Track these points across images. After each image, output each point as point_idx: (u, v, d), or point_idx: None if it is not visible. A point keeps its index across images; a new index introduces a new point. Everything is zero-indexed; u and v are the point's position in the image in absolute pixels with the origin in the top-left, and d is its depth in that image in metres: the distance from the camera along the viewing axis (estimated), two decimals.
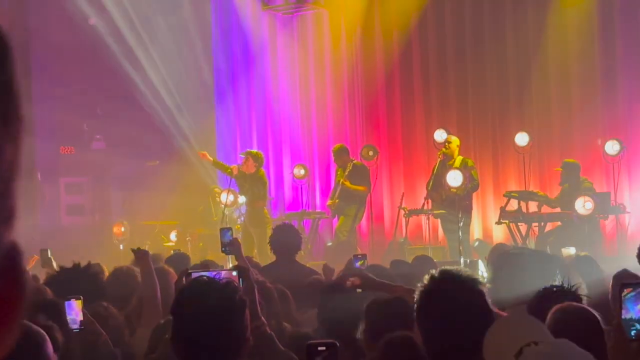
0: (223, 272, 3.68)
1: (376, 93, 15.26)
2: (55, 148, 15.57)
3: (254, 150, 13.48)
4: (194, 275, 3.53)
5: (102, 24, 15.57)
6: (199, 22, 16.11)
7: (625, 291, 3.12)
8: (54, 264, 7.32)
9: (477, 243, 13.32)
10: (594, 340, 3.12)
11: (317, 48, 15.74)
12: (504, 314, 3.48)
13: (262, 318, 3.77)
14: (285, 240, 6.95)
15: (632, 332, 3.09)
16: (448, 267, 3.07)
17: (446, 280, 2.92)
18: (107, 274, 6.95)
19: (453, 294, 2.86)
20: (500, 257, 4.93)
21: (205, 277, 2.73)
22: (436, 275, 2.95)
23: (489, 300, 2.89)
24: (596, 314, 3.35)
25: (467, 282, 2.90)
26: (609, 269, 9.68)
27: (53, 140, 15.47)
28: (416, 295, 2.97)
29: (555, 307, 3.33)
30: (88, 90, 15.26)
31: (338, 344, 2.66)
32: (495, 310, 3.03)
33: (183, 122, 15.67)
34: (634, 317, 3.11)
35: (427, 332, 2.88)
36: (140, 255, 5.31)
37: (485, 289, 2.92)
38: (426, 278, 2.96)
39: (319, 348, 2.63)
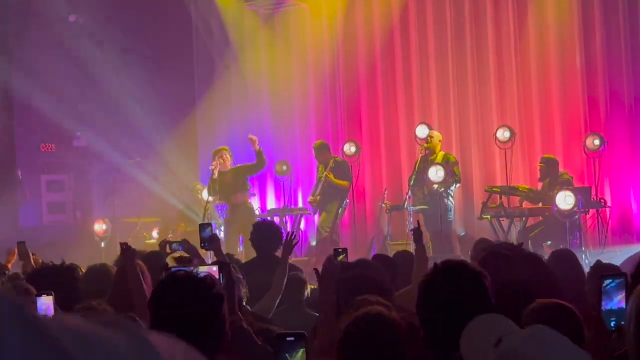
0: (202, 267, 3.66)
1: (358, 89, 15.25)
2: (36, 145, 15.49)
3: (226, 147, 13.34)
4: (174, 270, 3.51)
5: (82, 21, 15.50)
6: (179, 18, 16.06)
7: (605, 282, 3.12)
8: (32, 257, 7.33)
9: (462, 232, 13.38)
10: (572, 334, 3.12)
11: (299, 44, 15.71)
12: None
13: (239, 313, 3.74)
14: (265, 237, 6.94)
15: (612, 324, 3.09)
16: (451, 258, 3.07)
17: (449, 272, 2.92)
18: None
19: (455, 284, 2.86)
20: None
21: (182, 272, 2.71)
22: (439, 265, 2.96)
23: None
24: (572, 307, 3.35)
25: (470, 273, 2.91)
26: (590, 264, 9.72)
27: (33, 138, 15.39)
28: (417, 285, 2.97)
29: (530, 307, 3.33)
30: (68, 87, 15.18)
31: (306, 334, 2.66)
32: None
33: (164, 118, 15.60)
34: (613, 308, 3.11)
35: (428, 321, 2.88)
36: (126, 253, 5.11)
37: (487, 280, 2.93)
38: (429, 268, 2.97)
39: (288, 338, 2.64)
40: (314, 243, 13.92)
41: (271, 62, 15.89)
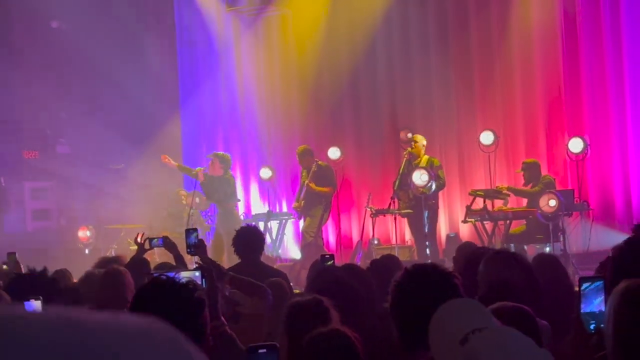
0: (185, 273, 3.66)
1: (341, 93, 15.26)
2: (18, 152, 15.43)
3: (220, 153, 13.50)
4: (155, 275, 3.51)
5: (65, 27, 15.47)
6: (163, 24, 16.05)
7: (584, 285, 3.14)
8: (22, 267, 7.30)
9: (453, 234, 13.42)
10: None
11: (282, 49, 15.72)
12: None
13: (223, 318, 3.74)
14: (248, 242, 6.95)
15: (591, 326, 3.11)
16: (421, 263, 3.06)
17: (419, 274, 2.91)
18: (73, 278, 6.92)
19: (426, 288, 2.86)
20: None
21: (163, 277, 2.72)
22: (410, 269, 2.95)
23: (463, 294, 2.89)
24: (529, 309, 3.36)
25: (441, 275, 2.90)
26: (575, 266, 9.75)
27: (16, 145, 15.33)
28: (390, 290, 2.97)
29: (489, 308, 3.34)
30: (51, 93, 15.13)
31: (278, 346, 2.66)
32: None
33: (148, 124, 15.58)
34: (593, 311, 3.13)
35: (402, 326, 2.87)
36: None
37: (459, 281, 2.92)
38: (399, 274, 2.96)
39: (260, 350, 2.64)
40: (297, 255, 13.89)
41: (255, 67, 15.89)
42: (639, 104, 12.96)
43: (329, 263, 6.25)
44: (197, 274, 3.75)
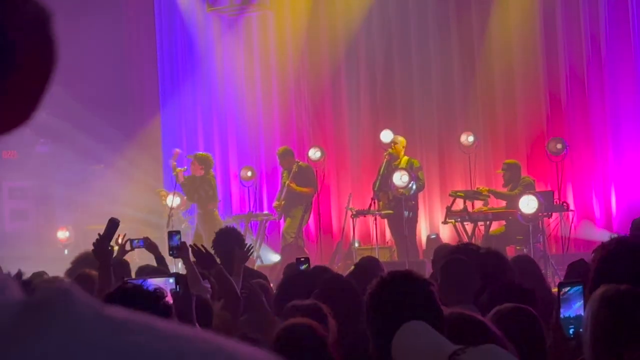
0: (155, 280, 3.60)
1: (322, 94, 15.23)
2: None
3: (200, 153, 13.48)
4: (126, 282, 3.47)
5: None
6: (143, 23, 15.97)
7: (563, 290, 3.11)
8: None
9: (434, 236, 13.40)
10: (533, 339, 3.12)
11: (263, 49, 15.68)
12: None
13: (197, 326, 3.70)
14: (227, 244, 6.89)
15: (571, 331, 3.08)
16: (397, 269, 3.04)
17: (395, 282, 2.88)
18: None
19: (401, 294, 2.83)
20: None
21: (131, 284, 2.69)
22: (385, 278, 2.92)
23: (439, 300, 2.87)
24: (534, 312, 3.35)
25: (417, 283, 2.87)
26: (555, 267, 9.75)
27: None
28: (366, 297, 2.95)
29: (495, 309, 3.33)
30: None
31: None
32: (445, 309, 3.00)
33: (128, 124, 15.51)
34: (572, 315, 3.10)
35: (377, 334, 2.84)
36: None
37: (435, 288, 2.89)
38: (375, 280, 2.93)
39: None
40: (276, 257, 13.81)
41: (236, 67, 15.84)
42: (617, 105, 13.03)
43: (304, 267, 6.21)
44: (172, 280, 3.70)
